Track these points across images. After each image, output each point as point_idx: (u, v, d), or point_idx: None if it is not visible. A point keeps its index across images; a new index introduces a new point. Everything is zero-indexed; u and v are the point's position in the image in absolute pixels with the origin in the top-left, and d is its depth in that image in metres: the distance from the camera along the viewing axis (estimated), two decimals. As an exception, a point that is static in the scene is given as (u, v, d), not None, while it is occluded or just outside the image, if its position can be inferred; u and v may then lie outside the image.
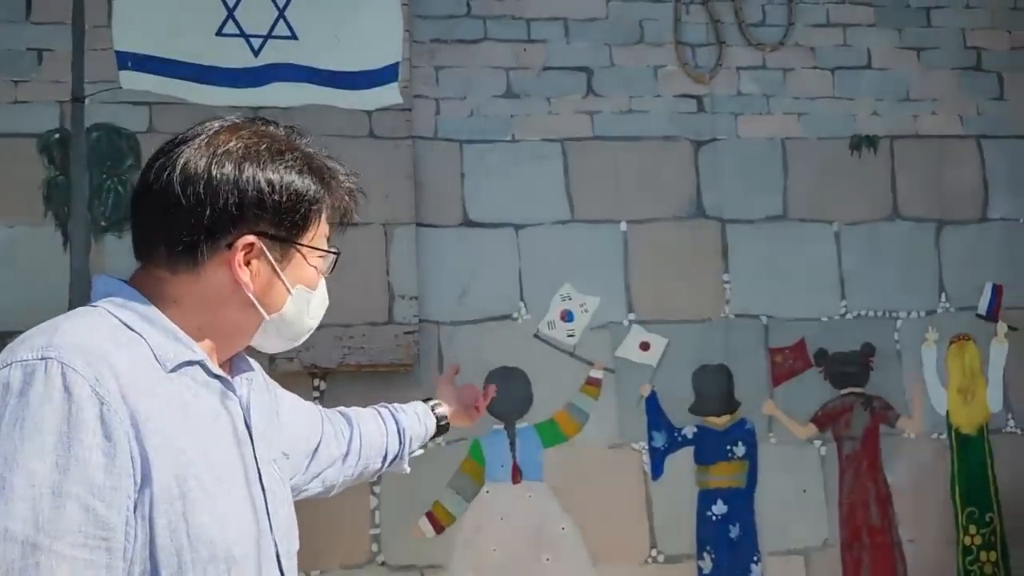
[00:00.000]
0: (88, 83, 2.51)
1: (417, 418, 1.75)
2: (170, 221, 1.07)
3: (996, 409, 3.01)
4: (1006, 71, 3.12)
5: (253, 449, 1.14)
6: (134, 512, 0.95)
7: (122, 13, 2.53)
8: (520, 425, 2.75)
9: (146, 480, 0.96)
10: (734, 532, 2.83)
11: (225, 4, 2.59)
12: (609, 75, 2.90)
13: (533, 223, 2.81)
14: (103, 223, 2.48)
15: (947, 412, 2.98)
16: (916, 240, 3.02)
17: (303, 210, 1.12)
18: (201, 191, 1.07)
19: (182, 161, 1.08)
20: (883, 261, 2.98)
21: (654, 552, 2.78)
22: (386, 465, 1.68)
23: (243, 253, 1.09)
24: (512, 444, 2.74)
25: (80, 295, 2.44)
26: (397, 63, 2.70)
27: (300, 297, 1.15)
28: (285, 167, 1.11)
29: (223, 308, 1.11)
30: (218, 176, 1.08)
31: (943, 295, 3.02)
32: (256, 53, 2.60)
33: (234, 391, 1.14)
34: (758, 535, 2.84)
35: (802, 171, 2.97)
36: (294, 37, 2.62)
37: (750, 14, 2.99)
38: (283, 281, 1.13)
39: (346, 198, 1.19)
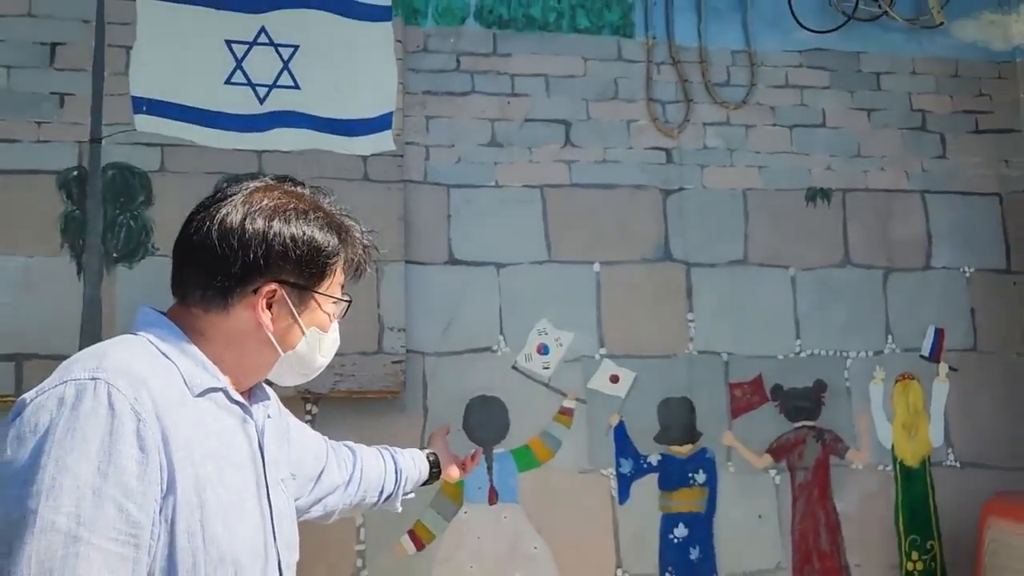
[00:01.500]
0: (105, 125, 2.66)
1: (413, 462, 1.92)
2: (207, 267, 1.24)
3: (937, 444, 3.19)
4: (948, 132, 3.34)
5: (264, 469, 1.28)
6: (159, 515, 1.08)
7: (139, 62, 2.70)
8: (497, 450, 2.91)
9: (171, 489, 1.09)
10: (694, 554, 3.00)
11: (234, 55, 2.78)
12: (586, 128, 3.09)
13: (513, 262, 2.98)
14: (115, 255, 2.64)
15: (892, 446, 3.16)
16: (865, 285, 3.21)
17: (321, 262, 1.28)
18: (235, 243, 1.23)
19: (220, 215, 1.25)
20: (835, 304, 3.18)
21: (619, 571, 2.94)
22: (381, 501, 1.84)
23: (266, 298, 1.25)
24: (489, 468, 2.89)
25: (92, 321, 2.60)
26: (391, 112, 2.87)
27: (313, 338, 1.30)
28: (308, 224, 1.27)
29: (245, 344, 1.26)
30: (250, 230, 1.24)
31: (889, 337, 3.23)
32: (261, 101, 2.79)
33: (251, 416, 1.29)
34: (716, 557, 3.01)
35: (761, 220, 3.17)
36: (297, 87, 2.81)
37: (716, 75, 3.22)
38: (299, 324, 1.28)
39: (361, 253, 1.37)
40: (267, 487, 1.28)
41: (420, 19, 3.01)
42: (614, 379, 3.00)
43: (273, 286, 1.25)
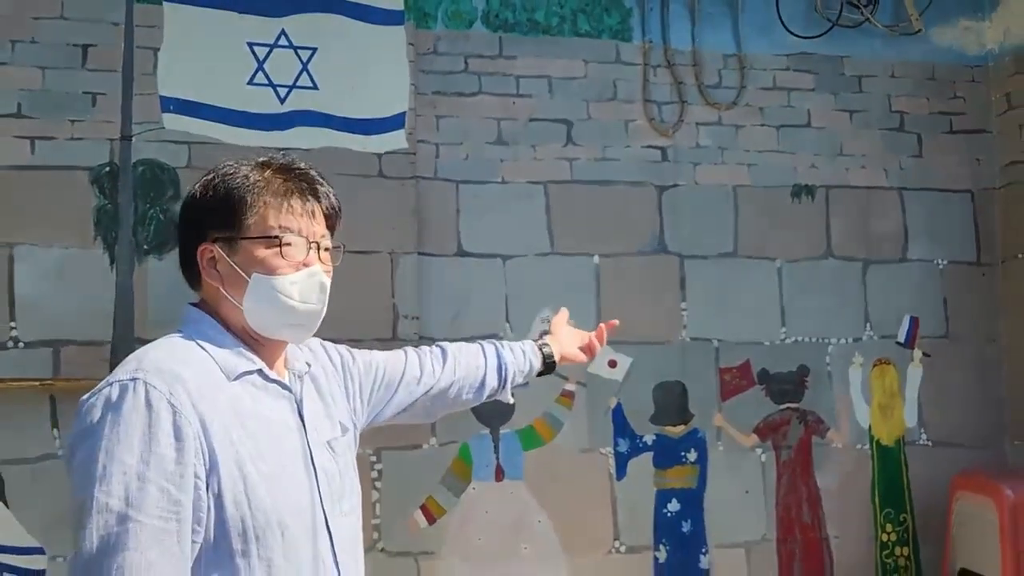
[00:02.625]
0: (135, 123, 2.80)
1: (523, 355, 1.92)
2: (181, 250, 1.39)
3: (911, 424, 3.42)
4: (924, 132, 3.53)
5: (307, 436, 1.38)
6: (206, 491, 1.21)
7: (166, 63, 2.84)
8: (503, 430, 3.09)
9: (214, 467, 1.22)
10: (686, 527, 3.21)
11: (256, 57, 2.93)
12: (586, 127, 3.25)
13: (518, 254, 3.15)
14: (145, 247, 2.79)
15: (869, 426, 3.38)
16: (846, 277, 3.41)
17: (234, 206, 1.32)
18: (179, 222, 1.40)
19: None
20: (817, 294, 3.37)
21: (617, 543, 3.14)
22: (486, 395, 1.86)
23: (207, 259, 1.34)
24: (496, 447, 3.08)
25: (124, 309, 2.76)
26: (404, 112, 3.03)
27: (259, 281, 1.31)
28: (225, 178, 1.34)
29: (222, 308, 1.35)
30: (183, 207, 1.40)
31: (868, 325, 3.44)
32: (282, 101, 2.94)
33: (289, 390, 1.38)
34: (706, 530, 3.21)
35: (750, 214, 3.35)
36: (315, 87, 2.97)
37: (708, 78, 3.39)
38: (240, 272, 1.32)
39: (277, 177, 1.35)
40: (310, 453, 1.37)
41: (430, 23, 3.16)
42: (612, 364, 3.19)
43: (205, 246, 1.34)
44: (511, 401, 1.93)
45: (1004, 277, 3.53)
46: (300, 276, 1.34)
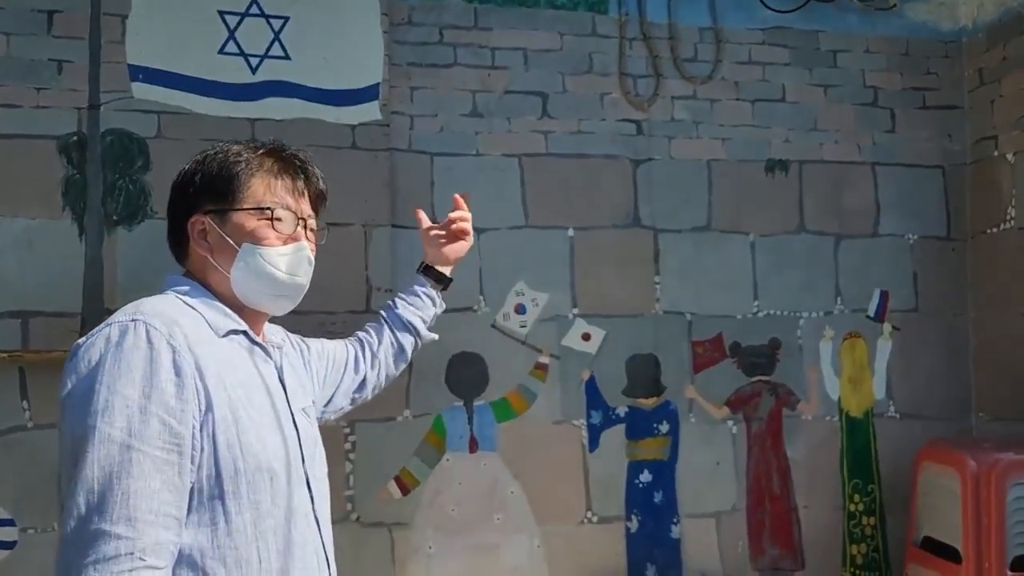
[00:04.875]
0: (103, 92, 2.76)
1: (419, 300, 2.15)
2: (169, 228, 1.50)
3: (880, 396, 3.47)
4: (897, 108, 3.56)
5: (287, 399, 1.47)
6: (200, 431, 1.27)
7: (134, 31, 2.79)
8: (477, 402, 3.11)
9: (209, 408, 1.28)
10: (657, 498, 3.26)
11: (227, 25, 2.89)
12: (561, 100, 3.25)
13: (492, 227, 3.15)
14: (115, 217, 2.76)
15: (839, 398, 3.44)
16: (818, 251, 3.44)
17: (227, 180, 1.43)
18: (170, 200, 1.49)
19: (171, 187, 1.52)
20: (790, 268, 3.41)
21: (589, 514, 3.19)
22: (409, 353, 2.16)
23: (197, 230, 1.44)
24: (470, 419, 3.10)
25: (94, 280, 2.73)
26: (378, 83, 3.01)
27: (249, 252, 1.41)
28: (217, 156, 1.46)
29: (211, 277, 1.44)
30: (175, 184, 1.49)
31: (839, 299, 3.48)
32: (254, 71, 2.91)
33: (269, 355, 1.49)
34: (678, 500, 3.26)
35: (724, 189, 3.37)
36: (287, 57, 2.93)
37: (684, 51, 3.39)
38: (230, 242, 1.42)
39: (268, 156, 1.47)
40: (291, 413, 1.46)
41: (405, -8, 3.13)
42: (586, 337, 3.22)
43: (196, 217, 1.43)
44: (435, 338, 2.20)
45: (973, 252, 3.57)
46: (288, 249, 1.44)
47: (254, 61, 2.90)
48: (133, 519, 1.18)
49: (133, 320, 1.28)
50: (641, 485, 3.23)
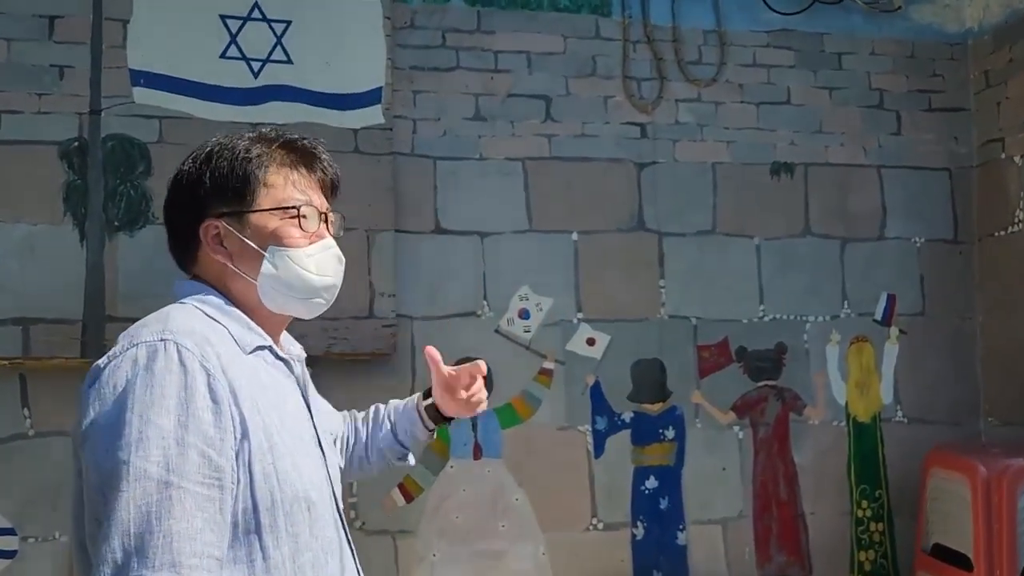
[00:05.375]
0: (104, 97, 2.74)
1: (417, 425, 1.78)
2: (170, 233, 1.36)
3: (887, 401, 3.44)
4: (903, 110, 3.53)
5: (312, 419, 1.34)
6: (236, 460, 1.16)
7: (136, 35, 2.78)
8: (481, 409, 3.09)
9: (245, 435, 1.17)
10: (663, 504, 3.23)
11: (228, 30, 2.87)
12: (565, 103, 3.22)
13: (496, 232, 3.13)
14: (116, 223, 2.74)
15: (846, 403, 3.40)
16: (824, 254, 3.41)
17: (239, 179, 1.29)
18: (171, 201, 1.35)
19: (168, 187, 1.37)
20: (795, 272, 3.38)
21: (595, 521, 3.15)
22: (385, 460, 1.80)
23: (211, 236, 1.30)
24: (474, 425, 3.08)
25: (95, 286, 2.71)
26: (380, 87, 2.98)
27: (276, 255, 1.28)
28: (224, 152, 1.31)
29: (228, 287, 1.30)
30: (176, 183, 1.34)
31: (845, 302, 3.45)
32: (256, 75, 2.89)
33: (292, 371, 1.35)
34: (684, 507, 3.23)
35: (729, 192, 3.34)
36: (290, 62, 2.91)
37: (688, 54, 3.36)
38: (252, 246, 1.28)
39: (281, 148, 1.32)
40: (317, 436, 1.34)
41: (407, -4, 3.11)
42: (590, 342, 3.19)
43: (209, 222, 1.30)
44: (412, 463, 1.83)
45: (980, 255, 3.55)
46: (315, 248, 1.32)
47: (256, 65, 2.89)
48: (177, 564, 1.07)
49: (163, 340, 1.15)
50: (647, 491, 3.20)
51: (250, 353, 1.27)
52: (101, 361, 1.18)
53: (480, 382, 1.74)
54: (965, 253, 3.56)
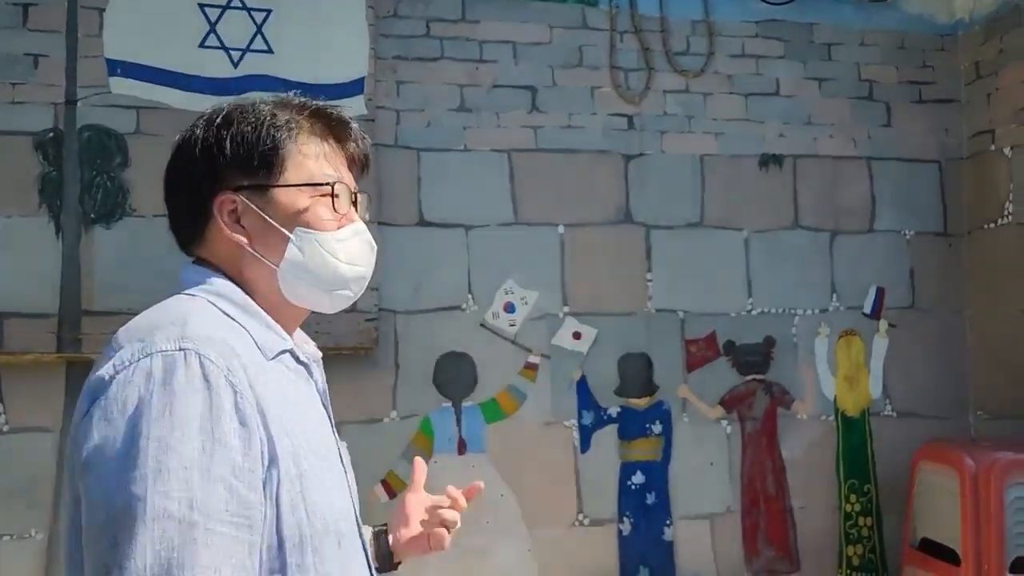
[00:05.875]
0: (80, 87, 2.69)
1: None
2: (172, 206, 1.16)
3: (876, 395, 3.42)
4: (893, 102, 3.50)
5: (333, 430, 1.18)
6: (264, 490, 0.98)
7: (113, 24, 2.73)
8: (466, 403, 3.05)
9: (272, 462, 0.99)
10: (650, 499, 3.20)
11: (207, 19, 2.82)
12: (551, 94, 3.19)
13: (481, 224, 3.09)
14: (92, 215, 2.69)
15: (835, 397, 3.38)
16: (813, 247, 3.38)
17: (264, 149, 1.10)
18: (179, 169, 1.14)
19: (172, 152, 1.16)
20: (784, 265, 3.35)
21: (580, 516, 3.12)
22: None
23: (228, 212, 1.11)
24: (458, 420, 3.04)
25: (71, 279, 2.66)
26: (362, 77, 2.95)
27: (304, 239, 1.11)
28: (243, 117, 1.13)
29: (243, 274, 1.12)
30: (186, 148, 1.13)
31: (834, 295, 3.42)
32: (235, 64, 2.84)
33: (311, 374, 1.17)
34: (671, 502, 3.20)
35: (717, 184, 3.31)
36: (270, 51, 2.87)
37: (676, 44, 3.32)
38: (276, 227, 1.11)
39: (311, 118, 1.15)
40: (339, 449, 1.18)
41: (390, -16, 3.06)
42: (577, 336, 3.16)
43: (225, 196, 1.11)
44: None
45: (970, 248, 3.52)
46: (346, 233, 1.15)
47: (236, 55, 2.84)
48: None
49: (182, 349, 0.97)
50: (634, 487, 3.17)
51: (272, 359, 1.08)
52: (105, 371, 0.99)
53: (458, 507, 1.45)
54: (955, 246, 3.53)
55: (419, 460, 1.52)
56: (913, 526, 3.13)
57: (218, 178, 1.11)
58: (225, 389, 0.97)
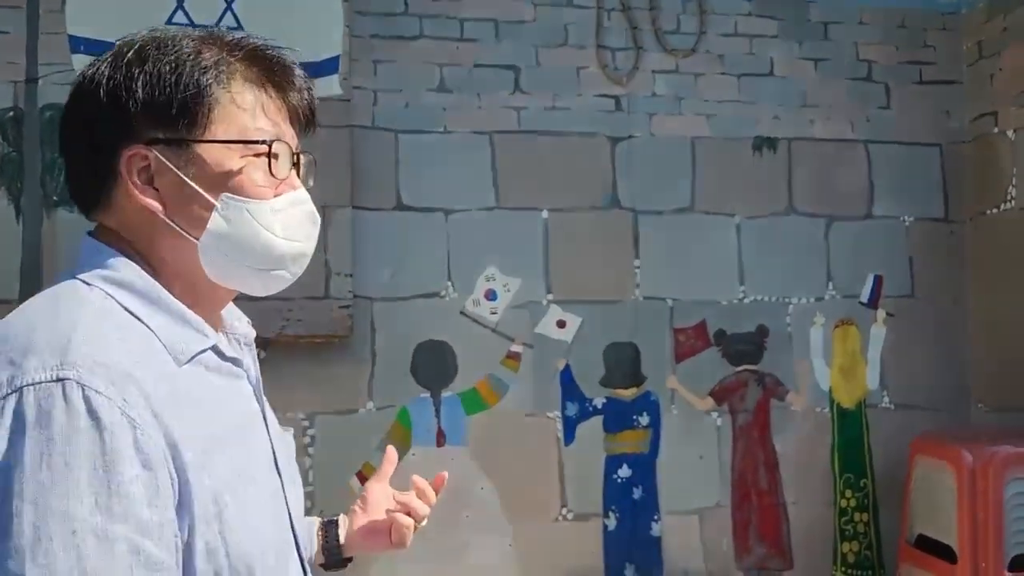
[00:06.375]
0: (42, 65, 2.61)
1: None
2: (71, 160, 0.97)
3: (873, 387, 3.31)
4: (893, 83, 3.38)
5: (267, 429, 1.03)
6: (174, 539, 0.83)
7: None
8: (445, 394, 2.96)
9: (184, 505, 0.83)
10: (637, 494, 3.10)
11: (175, -6, 2.73)
12: (535, 74, 3.09)
13: (461, 209, 3.00)
14: (55, 198, 2.61)
15: (830, 388, 3.28)
16: (808, 233, 3.27)
17: (187, 96, 0.91)
18: (77, 114, 0.95)
19: (70, 93, 0.96)
20: (778, 251, 3.23)
21: (564, 511, 3.03)
22: None
23: (138, 170, 0.92)
24: (437, 411, 2.95)
25: (32, 265, 2.58)
26: (337, 56, 2.86)
27: (232, 207, 0.93)
28: (161, 55, 0.93)
29: (154, 246, 0.94)
30: (88, 89, 0.94)
31: (830, 283, 3.31)
32: (204, 42, 2.75)
33: (239, 365, 1.00)
34: (659, 496, 3.11)
35: (708, 168, 3.20)
36: (240, 28, 2.78)
37: (666, 22, 3.21)
38: (198, 190, 0.92)
39: (247, 64, 0.96)
40: (273, 451, 1.02)
41: (367, -40, 2.97)
42: (561, 324, 3.06)
43: (134, 150, 0.91)
44: None
45: (972, 234, 3.40)
46: (283, 202, 0.97)
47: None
48: None
49: (60, 380, 0.78)
50: (619, 480, 3.07)
51: (187, 362, 0.91)
52: None
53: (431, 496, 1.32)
54: (956, 232, 3.41)
55: (391, 449, 1.40)
56: (909, 522, 3.01)
57: (127, 128, 0.91)
58: (120, 427, 0.79)
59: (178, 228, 0.93)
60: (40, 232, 2.59)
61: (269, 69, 0.98)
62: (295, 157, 0.99)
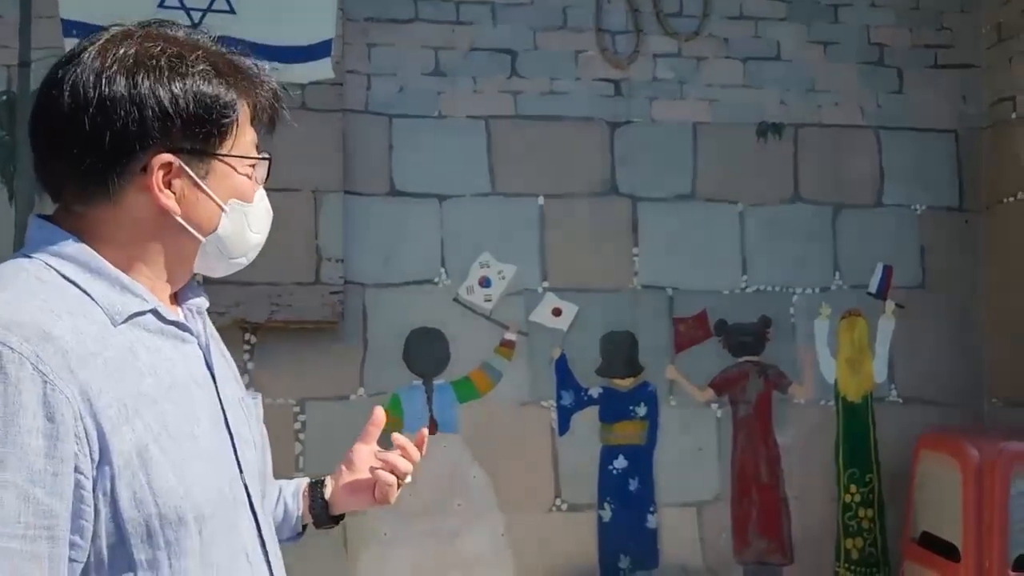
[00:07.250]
0: (35, 48, 2.63)
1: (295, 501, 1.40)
2: (69, 152, 0.98)
3: (881, 380, 3.22)
4: (906, 67, 3.28)
5: (217, 391, 1.08)
6: (93, 492, 0.90)
7: (68, -17, 2.66)
8: (437, 381, 2.94)
9: (104, 456, 0.90)
10: (633, 485, 3.05)
11: (167, -22, 2.73)
12: (532, 58, 3.04)
13: (456, 194, 2.97)
14: (46, 181, 2.63)
15: (835, 381, 3.20)
16: (814, 222, 3.19)
17: (217, 117, 1.01)
18: (94, 114, 0.97)
19: (70, 84, 0.98)
20: (783, 240, 3.16)
21: (558, 501, 3.00)
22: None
23: (162, 174, 1.00)
24: (429, 399, 2.93)
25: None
26: (330, 39, 2.83)
27: (236, 212, 1.06)
28: (188, 71, 1.00)
29: (154, 238, 1.03)
30: (109, 95, 0.97)
31: (837, 273, 3.22)
32: (195, 25, 2.73)
33: (190, 331, 1.07)
34: (655, 488, 3.06)
35: (711, 154, 3.14)
36: (232, 11, 2.77)
37: (668, 5, 3.14)
38: (213, 198, 1.04)
39: (267, 95, 1.09)
40: (224, 413, 1.08)
41: (362, -58, 2.94)
42: (556, 312, 3.02)
43: (167, 157, 1.00)
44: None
45: (989, 224, 3.28)
46: (263, 203, 1.11)
47: (196, 15, 2.75)
48: None
49: None
50: (615, 471, 3.03)
51: (124, 322, 0.97)
52: None
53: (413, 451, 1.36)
54: (971, 222, 3.30)
55: (379, 409, 1.41)
56: (914, 519, 2.93)
57: (158, 135, 0.98)
58: (29, 380, 0.86)
59: (189, 228, 1.03)
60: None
61: (251, 80, 1.08)
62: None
